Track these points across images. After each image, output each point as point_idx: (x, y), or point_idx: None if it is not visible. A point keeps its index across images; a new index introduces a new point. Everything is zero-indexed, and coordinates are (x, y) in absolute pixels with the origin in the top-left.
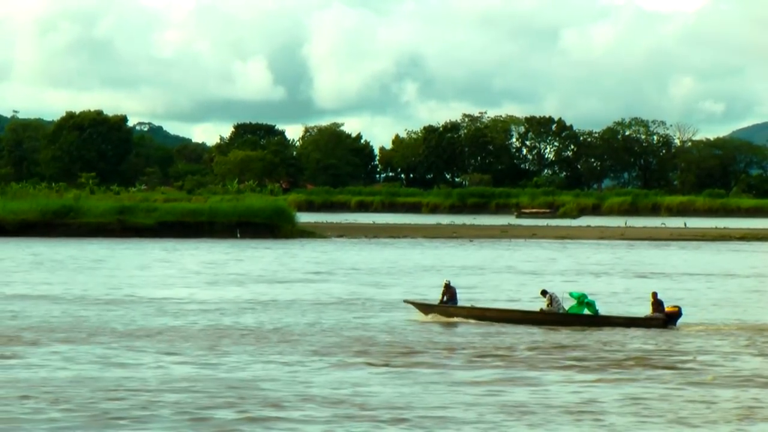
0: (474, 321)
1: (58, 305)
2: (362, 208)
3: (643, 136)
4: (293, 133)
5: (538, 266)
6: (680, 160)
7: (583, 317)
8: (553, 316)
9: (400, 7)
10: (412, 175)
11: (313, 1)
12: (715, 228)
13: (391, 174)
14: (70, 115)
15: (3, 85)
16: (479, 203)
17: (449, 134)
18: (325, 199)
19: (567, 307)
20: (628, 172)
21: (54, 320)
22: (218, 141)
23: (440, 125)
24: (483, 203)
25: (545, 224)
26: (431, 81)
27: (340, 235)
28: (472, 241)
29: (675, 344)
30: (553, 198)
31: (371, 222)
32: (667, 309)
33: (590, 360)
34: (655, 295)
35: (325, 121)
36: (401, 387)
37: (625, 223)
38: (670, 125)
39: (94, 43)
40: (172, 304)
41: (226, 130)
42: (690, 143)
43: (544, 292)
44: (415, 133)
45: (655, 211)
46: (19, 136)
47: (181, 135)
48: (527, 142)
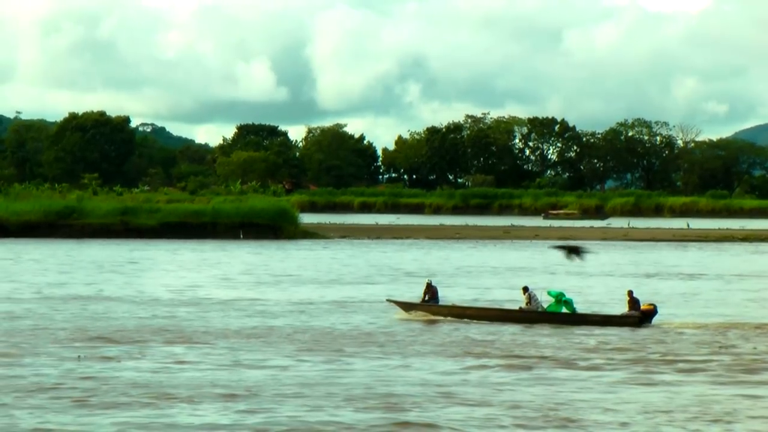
0: (454, 319)
1: (138, 306)
2: (365, 209)
3: (646, 137)
4: (296, 134)
5: (589, 268)
6: (683, 161)
7: (561, 315)
8: (531, 314)
9: (403, 8)
10: (414, 176)
11: (316, 2)
12: (718, 229)
13: (394, 175)
14: (73, 116)
15: (6, 86)
16: (482, 204)
17: (452, 135)
18: (328, 200)
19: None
20: (631, 173)
21: (154, 322)
22: (221, 142)
23: (443, 126)
24: (486, 204)
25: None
26: (434, 82)
27: (343, 236)
28: (513, 242)
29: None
30: (556, 199)
31: (374, 223)
32: (643, 307)
33: None
34: (630, 293)
35: (328, 122)
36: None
37: (628, 224)
38: (673, 126)
39: (97, 44)
40: (249, 305)
41: (229, 131)
42: (693, 144)
43: (525, 289)
44: (418, 134)
45: (658, 212)
46: (22, 137)
47: (184, 136)
48: (530, 143)
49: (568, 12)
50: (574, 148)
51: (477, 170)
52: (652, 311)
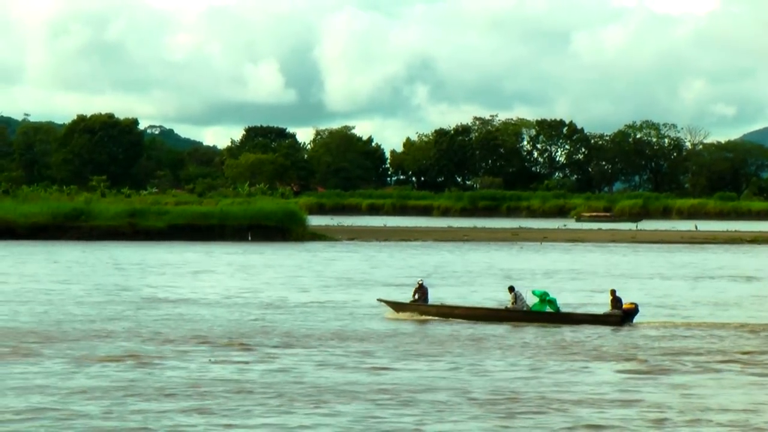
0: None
1: (223, 309)
2: (373, 211)
3: (654, 139)
4: (304, 136)
5: (631, 269)
6: (691, 163)
7: (546, 314)
8: (517, 314)
9: (411, 10)
10: (423, 178)
11: (324, 4)
12: (726, 231)
13: (402, 177)
14: (82, 118)
15: (14, 89)
16: (490, 206)
17: (460, 137)
18: (336, 202)
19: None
20: (639, 175)
21: (257, 324)
22: (229, 144)
23: (451, 128)
24: (494, 206)
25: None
26: (442, 84)
27: (351, 239)
28: (554, 244)
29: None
30: (564, 201)
31: (382, 225)
32: (625, 306)
33: None
34: (613, 292)
35: (336, 124)
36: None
37: (636, 227)
38: (681, 128)
39: (106, 46)
40: (340, 306)
41: (237, 133)
42: (701, 146)
43: (511, 289)
44: (426, 136)
45: (666, 214)
46: (30, 139)
47: (192, 138)
48: (538, 145)
49: (576, 14)
50: (583, 150)
51: (485, 172)
52: (634, 310)
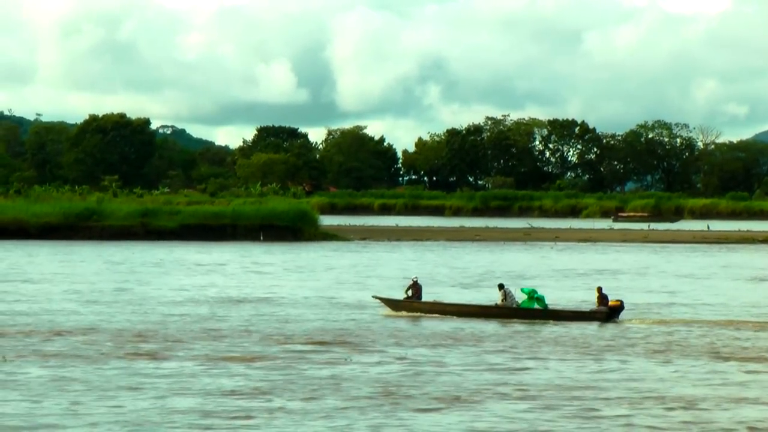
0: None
1: (309, 309)
2: (385, 210)
3: (666, 139)
4: (316, 135)
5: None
6: (703, 162)
7: (534, 311)
8: (506, 310)
9: (423, 10)
10: (434, 178)
11: (336, 4)
12: (738, 231)
13: (413, 177)
14: (93, 118)
15: (26, 89)
16: (502, 206)
17: (472, 137)
18: (347, 202)
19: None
20: (651, 174)
21: (351, 324)
22: (241, 144)
23: (463, 128)
24: (506, 206)
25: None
26: (454, 84)
27: (363, 238)
28: (596, 243)
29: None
30: (576, 201)
31: (394, 225)
32: (611, 303)
33: None
34: (600, 289)
35: (348, 124)
36: None
37: (648, 227)
38: (693, 128)
39: (118, 45)
40: None
41: (249, 133)
42: (713, 146)
43: (501, 286)
44: (438, 136)
45: (678, 214)
46: (42, 139)
47: (204, 138)
48: (550, 145)
49: (588, 13)
50: (594, 149)
51: (497, 172)
52: (619, 307)
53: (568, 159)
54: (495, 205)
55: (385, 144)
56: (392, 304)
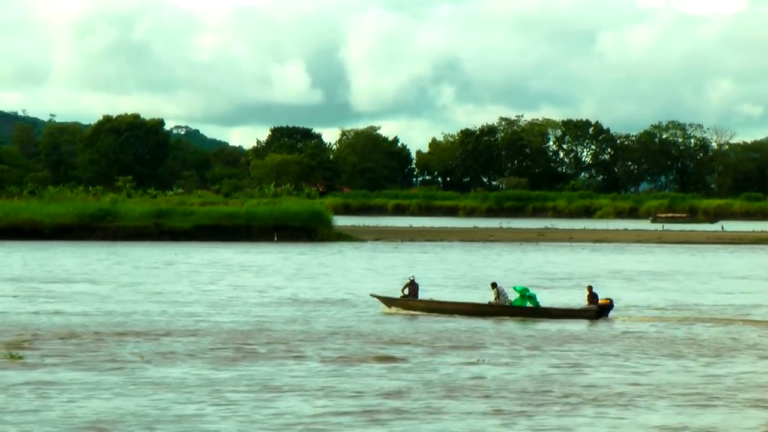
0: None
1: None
2: (399, 211)
3: (680, 140)
4: (330, 136)
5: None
6: (717, 163)
7: (526, 309)
8: (499, 309)
9: (437, 11)
10: (448, 179)
11: (350, 5)
12: (753, 231)
13: (427, 177)
14: (108, 119)
15: (40, 89)
16: (516, 207)
17: (486, 137)
18: (361, 203)
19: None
20: (665, 175)
21: (448, 325)
22: (255, 144)
23: (477, 128)
24: (520, 207)
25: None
26: (468, 84)
27: (377, 239)
28: (629, 245)
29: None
30: (590, 202)
31: (408, 225)
32: (600, 301)
33: None
34: (590, 288)
35: (362, 125)
36: None
37: (663, 227)
38: (708, 128)
39: (132, 46)
40: None
41: (263, 134)
42: (727, 146)
43: (494, 285)
44: (451, 137)
45: (692, 214)
46: (56, 140)
47: (218, 138)
48: (564, 146)
49: (602, 14)
50: (608, 150)
51: (511, 173)
52: (609, 305)
53: (582, 159)
54: (509, 205)
55: (399, 144)
56: (387, 301)
